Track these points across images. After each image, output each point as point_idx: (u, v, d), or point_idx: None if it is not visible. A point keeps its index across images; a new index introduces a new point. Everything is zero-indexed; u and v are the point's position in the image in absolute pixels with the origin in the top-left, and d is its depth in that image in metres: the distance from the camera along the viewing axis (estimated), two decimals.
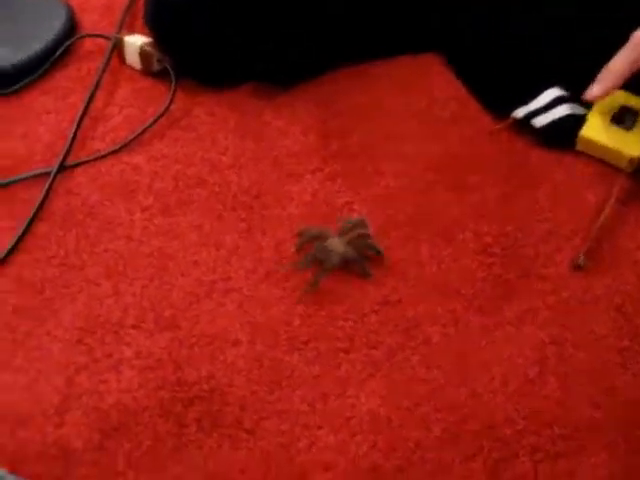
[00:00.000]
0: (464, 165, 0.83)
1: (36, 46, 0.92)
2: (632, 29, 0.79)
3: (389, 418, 0.66)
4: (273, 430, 0.65)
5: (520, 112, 0.85)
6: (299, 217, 0.78)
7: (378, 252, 0.75)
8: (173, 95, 0.88)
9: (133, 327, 0.71)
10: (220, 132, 0.86)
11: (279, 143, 0.85)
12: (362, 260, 0.74)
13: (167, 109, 0.87)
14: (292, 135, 0.86)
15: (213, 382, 0.67)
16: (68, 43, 0.93)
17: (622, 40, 0.80)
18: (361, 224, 0.76)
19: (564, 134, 0.83)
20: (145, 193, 0.81)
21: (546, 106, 0.85)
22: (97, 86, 0.90)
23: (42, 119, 0.89)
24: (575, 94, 0.84)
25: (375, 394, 0.67)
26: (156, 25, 0.90)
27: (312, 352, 0.69)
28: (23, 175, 0.83)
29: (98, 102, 0.90)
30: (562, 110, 0.84)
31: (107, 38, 0.94)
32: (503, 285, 0.74)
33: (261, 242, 0.77)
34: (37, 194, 0.81)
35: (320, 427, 0.65)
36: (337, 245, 0.73)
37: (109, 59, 0.92)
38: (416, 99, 0.89)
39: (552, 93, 0.86)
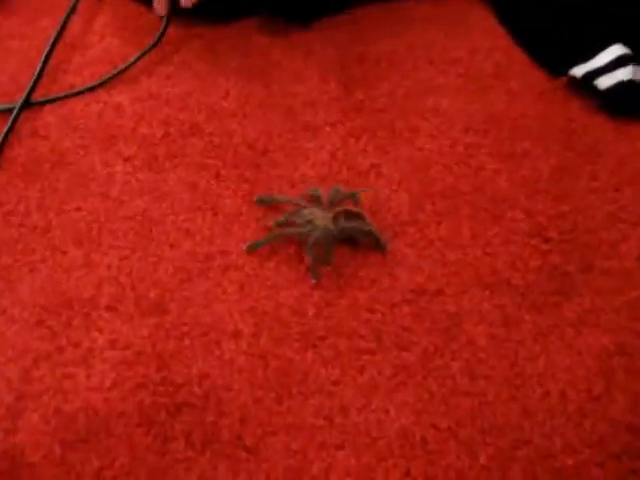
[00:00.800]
0: (512, 128, 0.69)
1: None
2: None
3: (424, 439, 0.53)
4: (280, 449, 0.52)
5: (579, 70, 0.71)
6: (314, 180, 0.65)
7: (378, 242, 0.60)
8: (166, 24, 0.73)
9: (108, 309, 0.57)
10: (221, 72, 0.72)
11: (292, 89, 0.71)
12: (373, 230, 0.59)
13: (159, 41, 0.72)
14: (308, 80, 0.71)
15: (207, 384, 0.54)
16: None
17: None
18: (353, 199, 0.62)
19: (632, 100, 0.70)
20: (127, 140, 0.66)
21: (610, 64, 0.71)
22: (73, 9, 0.74)
23: (5, 45, 0.73)
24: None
25: (407, 408, 0.54)
26: None
27: (330, 351, 0.56)
28: None
29: (74, 28, 0.75)
30: (628, 72, 0.71)
31: None
32: (561, 278, 0.61)
33: (268, 209, 0.63)
34: None
35: (339, 447, 0.52)
36: (320, 212, 0.59)
37: None
38: (454, 46, 0.75)
39: (616, 50, 0.72)
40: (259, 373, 0.55)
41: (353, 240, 0.60)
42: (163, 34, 0.72)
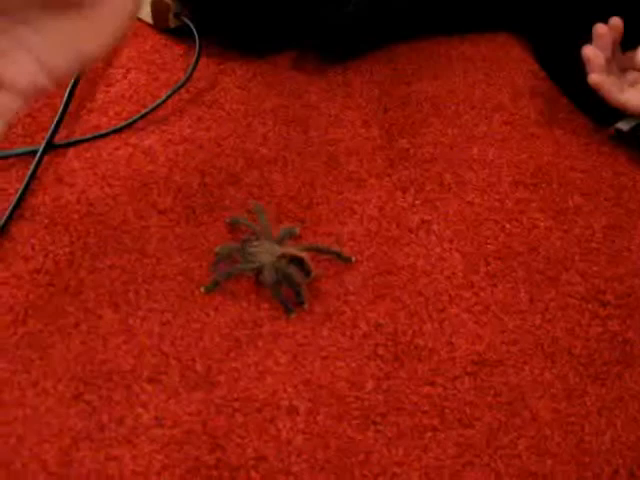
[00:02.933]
0: (561, 182, 0.67)
1: None
2: None
3: None
4: None
5: (626, 124, 0.69)
6: (363, 237, 0.61)
7: (341, 257, 0.59)
8: (197, 60, 0.69)
9: (151, 381, 0.53)
10: (256, 114, 0.68)
11: (333, 134, 0.67)
12: (299, 280, 0.56)
13: (189, 78, 0.68)
14: (349, 125, 0.68)
15: (265, 467, 0.51)
16: None
17: None
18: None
19: None
20: (161, 190, 0.62)
21: None
22: None
23: None
24: None
25: None
26: None
27: (392, 429, 0.53)
28: None
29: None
30: None
31: None
32: (621, 346, 0.59)
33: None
34: (16, 181, 0.62)
35: None
36: (268, 248, 0.57)
37: None
38: (496, 90, 0.72)
39: None
40: (319, 454, 0.51)
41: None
42: (193, 71, 0.68)
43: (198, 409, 0.52)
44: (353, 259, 0.59)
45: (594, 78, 0.67)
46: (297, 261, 0.57)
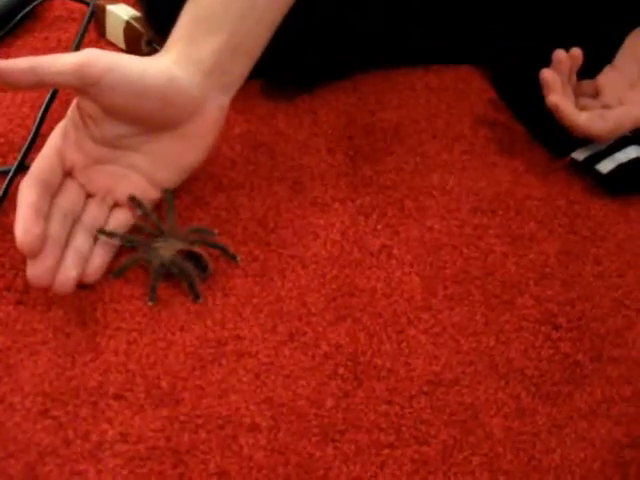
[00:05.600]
0: (518, 209, 0.69)
1: None
2: None
3: None
4: None
5: (580, 154, 0.73)
6: (326, 261, 0.63)
7: (226, 253, 0.62)
8: None
9: (116, 397, 0.55)
10: (225, 139, 0.70)
11: (299, 160, 0.69)
12: (193, 276, 0.59)
13: None
14: (314, 151, 0.70)
15: None
16: (34, 4, 0.74)
17: None
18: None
19: (632, 181, 0.72)
20: None
21: (610, 148, 0.73)
22: None
23: None
24: None
25: None
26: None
27: (350, 446, 0.55)
28: None
29: None
30: (629, 152, 0.73)
31: (84, 3, 0.75)
32: (572, 368, 0.61)
33: (281, 290, 0.61)
34: None
35: None
36: (170, 244, 0.60)
37: (85, 30, 0.74)
38: (458, 120, 0.75)
39: None
40: (279, 470, 0.53)
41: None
42: None
43: (162, 425, 0.54)
44: (238, 258, 0.62)
45: (552, 99, 0.70)
46: (195, 257, 0.60)
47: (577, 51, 0.72)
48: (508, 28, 0.79)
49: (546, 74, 0.70)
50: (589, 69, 0.74)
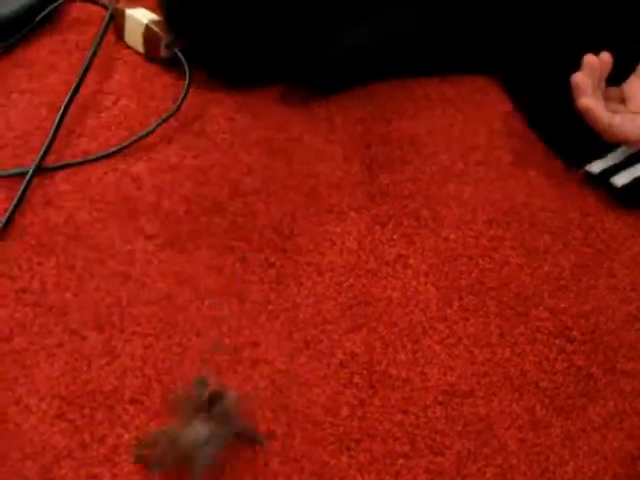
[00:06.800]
0: (532, 221, 0.70)
1: (10, 5, 0.73)
2: None
3: None
4: None
5: (596, 166, 0.73)
6: (342, 269, 0.64)
7: (255, 438, 0.54)
8: (186, 91, 0.71)
9: (132, 402, 0.55)
10: (241, 145, 0.70)
11: (315, 168, 0.70)
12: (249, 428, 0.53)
13: (179, 107, 0.70)
14: (331, 159, 0.70)
15: None
16: (53, 6, 0.74)
17: None
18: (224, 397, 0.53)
19: None
20: (149, 216, 0.64)
21: (625, 161, 0.73)
22: (88, 67, 0.71)
23: (14, 100, 0.70)
24: None
25: None
26: (168, 2, 0.73)
27: (365, 455, 0.55)
28: None
29: (86, 87, 0.71)
30: None
31: (103, 6, 0.75)
32: (586, 380, 0.61)
33: (296, 298, 0.61)
34: (5, 202, 0.63)
35: None
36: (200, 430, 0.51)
37: (104, 33, 0.74)
38: (473, 130, 0.75)
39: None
40: (294, 478, 0.53)
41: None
42: (183, 101, 0.70)
43: None
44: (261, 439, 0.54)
45: (583, 102, 0.69)
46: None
47: (607, 56, 0.71)
48: (515, 31, 0.80)
49: (577, 77, 0.70)
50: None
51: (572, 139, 0.74)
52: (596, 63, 0.70)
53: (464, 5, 0.78)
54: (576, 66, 0.72)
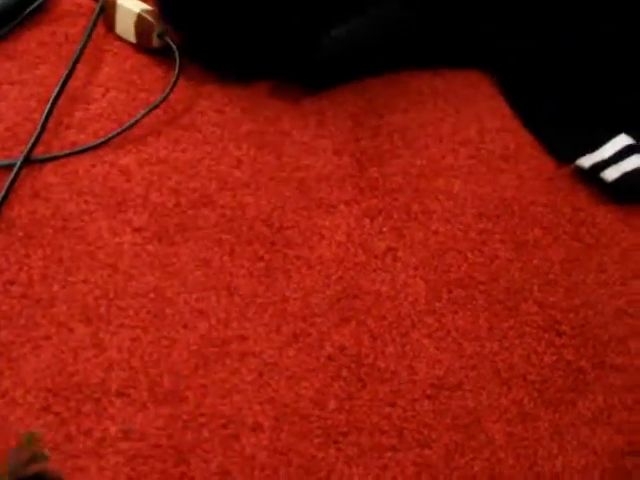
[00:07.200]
0: (522, 215, 0.69)
1: None
2: None
3: None
4: None
5: (586, 161, 0.73)
6: (331, 262, 0.63)
7: None
8: (176, 81, 0.70)
9: (119, 395, 0.55)
10: (231, 138, 0.70)
11: (305, 161, 0.69)
12: None
13: (166, 98, 0.70)
14: (321, 153, 0.70)
15: None
16: None
17: None
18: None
19: (637, 190, 0.72)
20: (137, 209, 0.64)
21: (615, 156, 0.73)
22: (77, 59, 0.71)
23: (3, 92, 0.69)
24: None
25: None
26: None
27: (352, 448, 0.55)
28: None
29: (76, 79, 0.71)
30: (634, 161, 0.73)
31: None
32: (575, 374, 0.61)
33: (285, 291, 0.61)
34: None
35: None
36: None
37: (94, 25, 0.73)
38: (464, 125, 0.75)
39: (621, 141, 0.74)
40: (281, 471, 0.53)
41: None
42: (171, 91, 0.70)
43: (165, 423, 0.54)
44: None
45: None
46: None
47: None
48: (513, 31, 0.80)
49: None
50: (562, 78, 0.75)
51: (563, 134, 0.74)
52: None
53: (462, 5, 0.78)
54: (573, 66, 0.72)
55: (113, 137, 0.67)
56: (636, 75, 0.78)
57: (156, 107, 0.69)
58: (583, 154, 0.73)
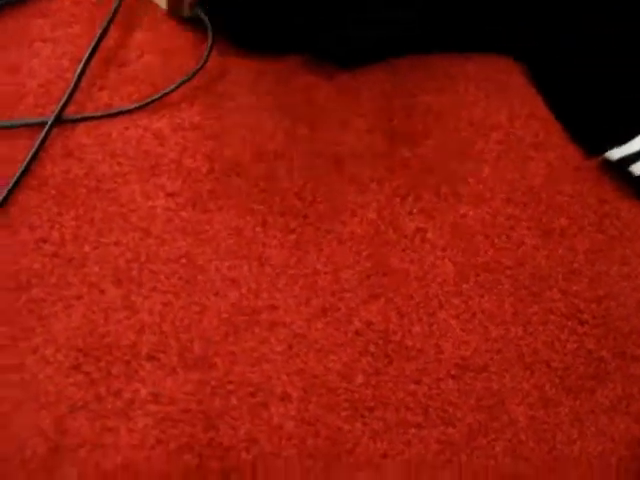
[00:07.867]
0: (549, 204, 0.70)
1: None
2: None
3: None
4: None
5: (615, 154, 0.73)
6: (362, 239, 0.64)
7: None
8: (210, 49, 0.70)
9: (149, 358, 0.55)
10: (265, 108, 0.69)
11: (338, 137, 0.69)
12: None
13: (201, 67, 0.69)
14: (355, 129, 0.70)
15: (256, 449, 0.52)
16: None
17: None
18: None
19: None
20: (171, 173, 0.64)
21: None
22: (112, 19, 0.70)
23: (36, 49, 0.68)
24: None
25: None
26: None
27: (378, 423, 0.55)
28: (6, 122, 0.64)
29: (109, 41, 0.70)
30: None
31: None
32: (596, 363, 0.62)
33: (316, 264, 0.61)
34: (24, 151, 0.62)
35: None
36: None
37: None
38: (495, 110, 0.75)
39: None
40: (309, 441, 0.53)
41: None
42: (207, 60, 0.69)
43: (194, 389, 0.54)
44: None
45: None
46: None
47: None
48: (523, 38, 0.80)
49: None
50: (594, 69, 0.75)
51: (593, 125, 0.74)
52: None
53: (463, 6, 0.78)
54: (576, 67, 0.72)
55: (148, 103, 0.67)
56: None
57: (193, 76, 0.68)
58: (612, 147, 0.74)
